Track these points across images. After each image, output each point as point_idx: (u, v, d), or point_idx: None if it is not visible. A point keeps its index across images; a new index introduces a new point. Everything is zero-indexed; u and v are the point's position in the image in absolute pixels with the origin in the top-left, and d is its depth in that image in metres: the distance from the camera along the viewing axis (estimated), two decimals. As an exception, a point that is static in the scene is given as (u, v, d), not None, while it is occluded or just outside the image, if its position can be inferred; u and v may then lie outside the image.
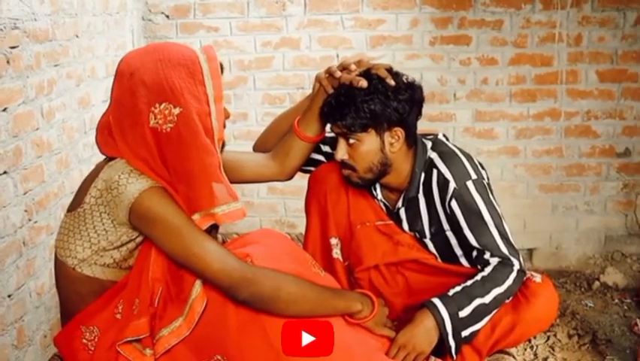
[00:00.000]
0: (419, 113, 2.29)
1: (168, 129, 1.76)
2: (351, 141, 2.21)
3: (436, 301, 2.15)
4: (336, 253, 2.39)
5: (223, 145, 1.91)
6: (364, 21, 3.56)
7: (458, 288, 2.18)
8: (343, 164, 2.27)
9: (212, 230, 1.91)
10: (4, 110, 2.18)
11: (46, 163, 2.49)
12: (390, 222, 2.41)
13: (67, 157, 2.68)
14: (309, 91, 3.56)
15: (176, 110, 1.76)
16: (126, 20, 3.41)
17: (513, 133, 3.61)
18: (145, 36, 3.61)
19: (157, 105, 1.75)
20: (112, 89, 1.82)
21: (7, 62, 2.20)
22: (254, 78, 3.65)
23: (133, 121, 1.77)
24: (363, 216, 2.39)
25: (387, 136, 2.22)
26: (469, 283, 2.18)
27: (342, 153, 2.24)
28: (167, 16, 3.60)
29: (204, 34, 3.60)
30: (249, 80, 3.64)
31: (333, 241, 2.38)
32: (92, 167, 2.87)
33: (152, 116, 1.76)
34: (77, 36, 2.78)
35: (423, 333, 2.12)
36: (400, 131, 2.23)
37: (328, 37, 3.59)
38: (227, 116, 1.89)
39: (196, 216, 1.81)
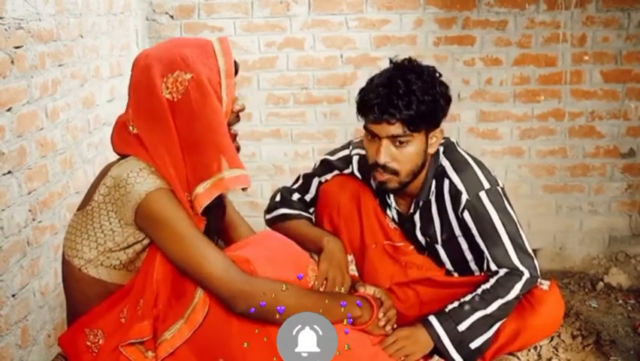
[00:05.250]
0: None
1: (180, 96, 1.80)
2: (400, 141, 2.12)
3: (432, 318, 2.16)
4: (352, 269, 2.37)
5: (235, 137, 1.96)
6: (368, 21, 3.56)
7: (456, 303, 2.18)
8: (384, 168, 2.17)
9: (217, 239, 1.92)
10: (9, 110, 2.19)
11: (50, 163, 2.49)
12: (400, 243, 2.39)
13: (71, 157, 2.68)
14: (313, 91, 3.60)
15: (187, 76, 1.81)
16: (130, 20, 3.41)
17: (517, 133, 3.61)
18: (149, 36, 3.61)
19: (169, 76, 1.80)
20: (130, 80, 1.88)
21: (12, 61, 2.20)
22: (258, 78, 3.65)
23: (148, 94, 1.81)
24: (375, 236, 2.38)
25: (430, 137, 2.17)
26: (467, 297, 2.17)
27: (385, 156, 2.13)
28: (172, 17, 3.60)
29: (208, 35, 3.59)
30: (253, 80, 3.64)
31: (349, 257, 2.36)
32: (97, 167, 2.90)
33: (165, 87, 1.80)
34: (82, 36, 2.79)
35: (414, 342, 2.13)
36: (440, 131, 2.19)
37: (332, 38, 3.59)
38: (242, 108, 1.95)
39: (205, 185, 1.81)
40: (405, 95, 2.07)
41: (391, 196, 2.37)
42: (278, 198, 2.51)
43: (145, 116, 1.82)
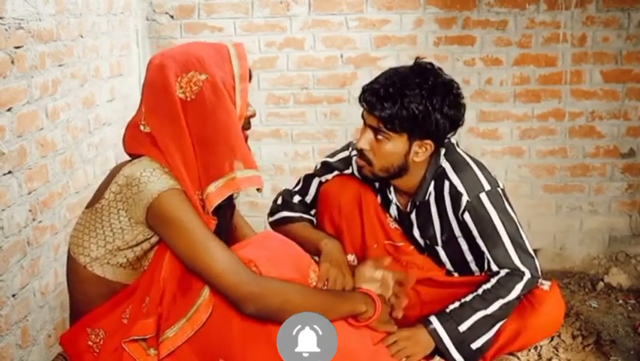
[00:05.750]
0: (454, 134, 2.26)
1: (193, 96, 1.81)
2: (380, 136, 2.16)
3: (433, 318, 2.16)
4: None
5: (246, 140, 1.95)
6: (368, 21, 3.56)
7: (457, 304, 2.18)
8: (361, 154, 2.22)
9: (222, 234, 1.92)
10: (9, 110, 2.19)
11: (50, 163, 2.49)
12: (400, 243, 2.40)
13: (71, 157, 2.68)
14: (313, 91, 3.60)
15: (202, 77, 1.81)
16: (130, 20, 3.41)
17: (517, 133, 3.61)
18: (149, 36, 3.61)
19: (184, 75, 1.81)
20: (144, 78, 1.89)
21: (12, 61, 2.20)
22: (258, 78, 3.65)
23: (162, 92, 1.82)
24: (376, 236, 2.38)
25: (416, 145, 2.18)
26: (468, 298, 2.18)
27: (364, 142, 2.18)
28: (172, 17, 3.60)
29: (209, 35, 3.60)
30: (253, 80, 3.63)
31: (350, 257, 2.36)
32: (97, 167, 2.90)
33: (178, 87, 1.81)
34: (82, 36, 2.79)
35: (415, 343, 2.13)
36: (429, 145, 2.19)
37: (332, 38, 3.59)
38: (253, 114, 1.95)
39: (217, 184, 1.82)
40: (393, 94, 2.10)
41: (392, 191, 2.37)
42: (279, 201, 2.52)
43: (157, 114, 1.83)
